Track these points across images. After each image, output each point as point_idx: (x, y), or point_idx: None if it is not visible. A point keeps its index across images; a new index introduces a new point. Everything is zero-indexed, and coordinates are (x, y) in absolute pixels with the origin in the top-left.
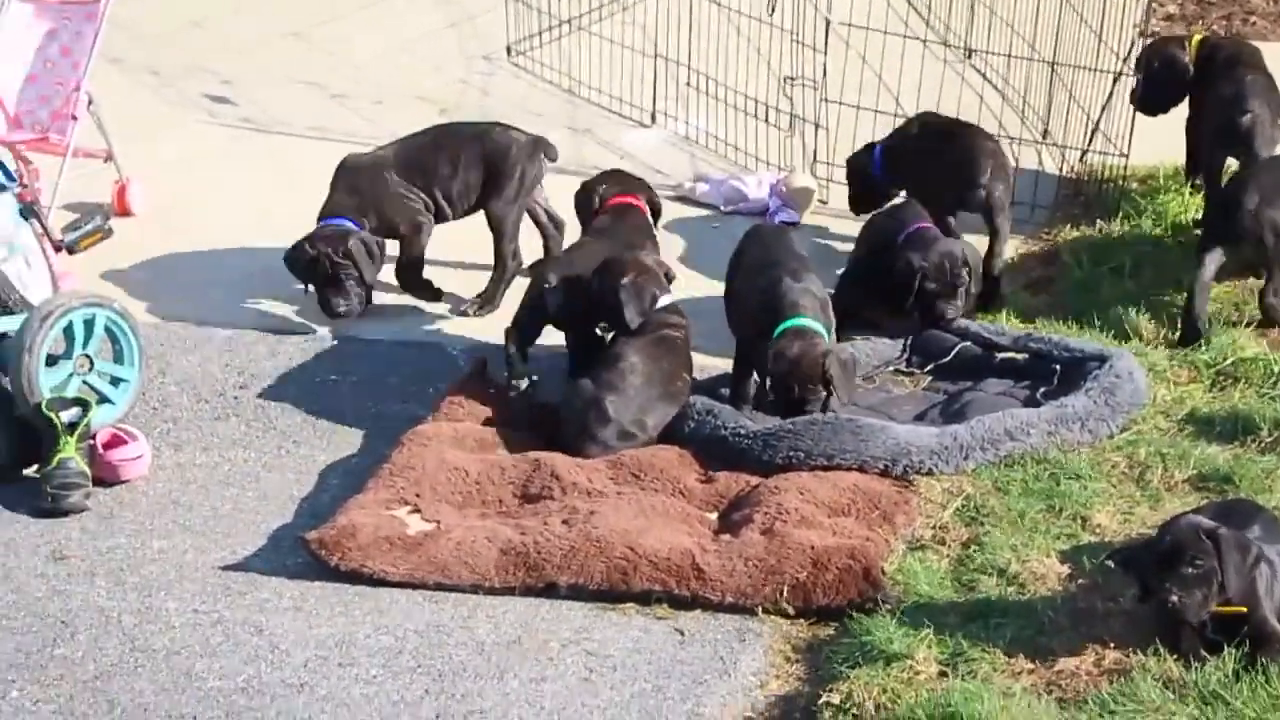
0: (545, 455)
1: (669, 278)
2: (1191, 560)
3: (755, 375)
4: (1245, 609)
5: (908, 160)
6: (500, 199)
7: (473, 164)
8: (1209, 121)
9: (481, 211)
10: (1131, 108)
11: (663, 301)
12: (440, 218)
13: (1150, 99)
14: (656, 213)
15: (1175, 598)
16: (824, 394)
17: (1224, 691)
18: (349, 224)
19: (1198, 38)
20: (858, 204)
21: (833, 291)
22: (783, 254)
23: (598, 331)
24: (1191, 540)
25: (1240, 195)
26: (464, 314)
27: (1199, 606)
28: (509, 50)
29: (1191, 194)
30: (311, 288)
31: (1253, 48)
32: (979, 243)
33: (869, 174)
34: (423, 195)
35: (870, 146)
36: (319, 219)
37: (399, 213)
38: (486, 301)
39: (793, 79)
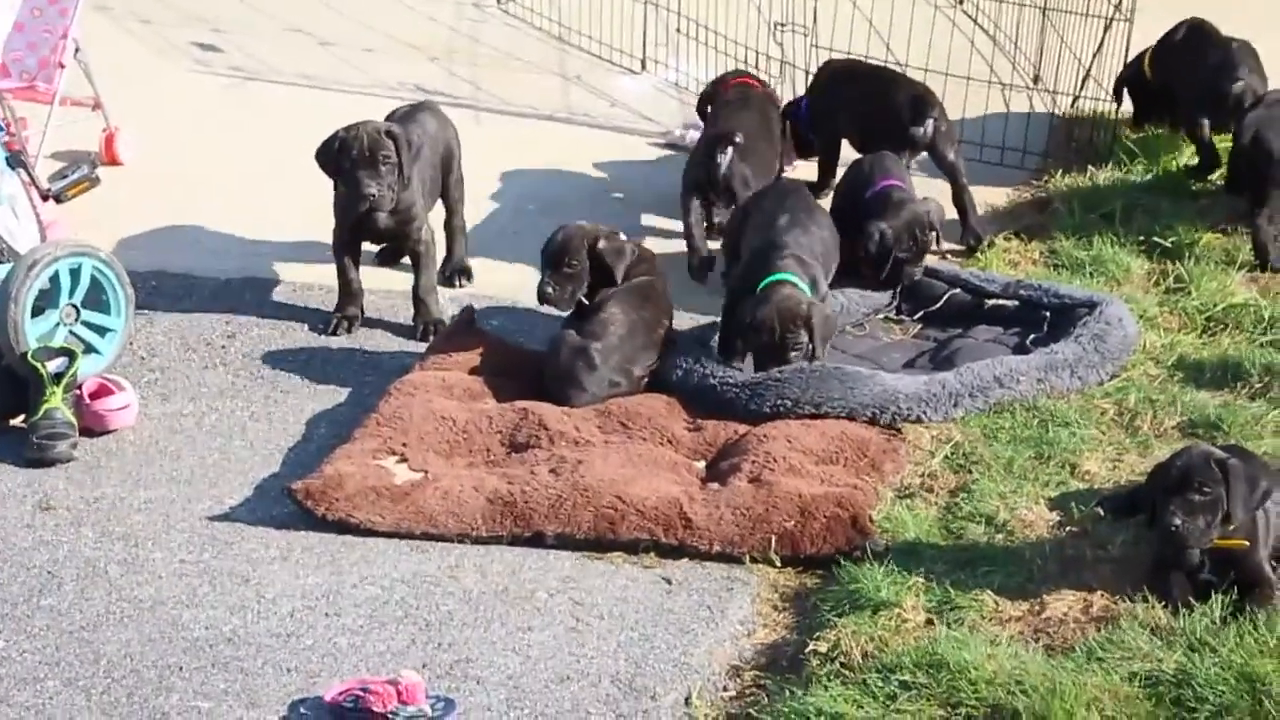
0: (533, 404)
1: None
2: (1199, 487)
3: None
4: (1245, 543)
5: (838, 108)
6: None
7: None
8: (1194, 89)
9: None
10: (1124, 52)
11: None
12: None
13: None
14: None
15: (1179, 522)
16: (805, 340)
17: (1211, 638)
18: None
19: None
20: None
21: None
22: (787, 212)
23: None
24: (1201, 467)
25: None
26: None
27: (1201, 534)
28: None
29: (1182, 141)
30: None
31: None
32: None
33: (795, 126)
34: None
35: (798, 100)
36: None
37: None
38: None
39: (783, 25)
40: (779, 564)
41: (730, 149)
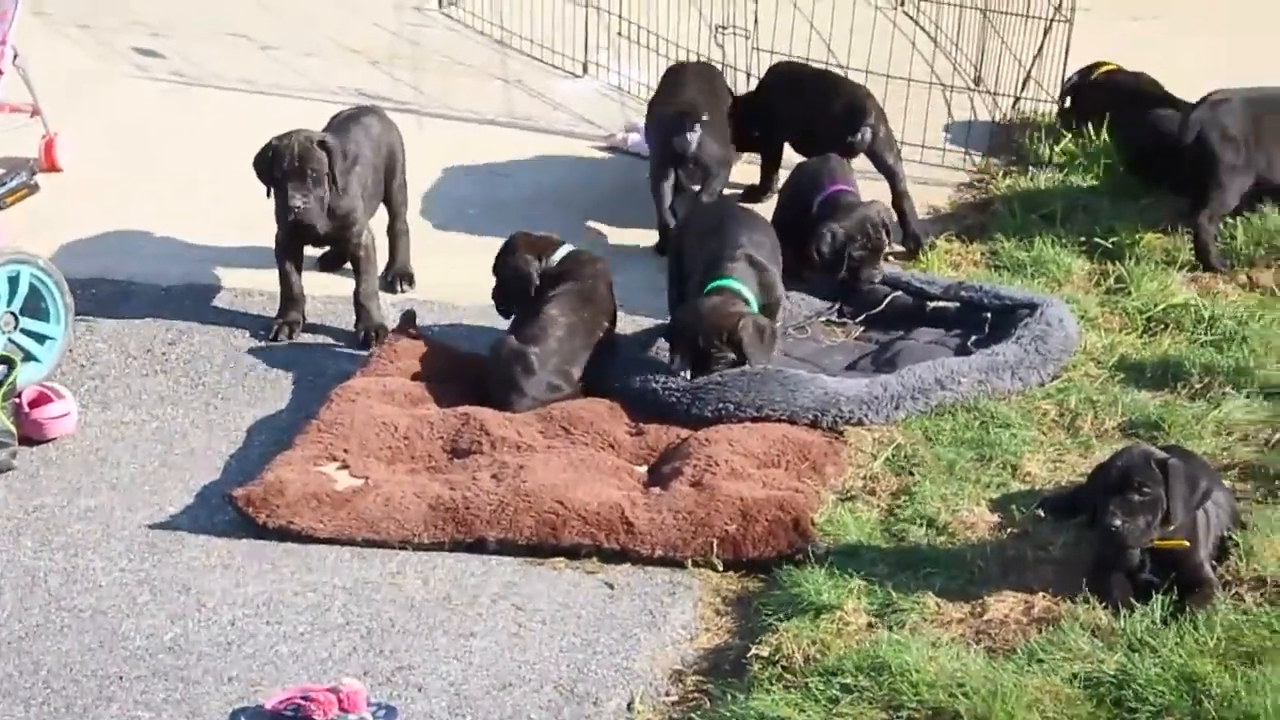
0: (474, 409)
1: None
2: (1139, 487)
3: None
4: (1186, 543)
5: (780, 112)
6: None
7: None
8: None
9: None
10: (1064, 54)
11: (557, 256)
12: None
13: None
14: None
15: (1119, 522)
16: (730, 356)
17: (1152, 639)
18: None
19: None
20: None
21: None
22: (730, 223)
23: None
24: (1141, 467)
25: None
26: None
27: (1141, 534)
28: (440, 1)
29: (1116, 143)
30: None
31: None
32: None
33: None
34: None
35: (738, 99)
36: None
37: None
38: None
39: (724, 28)
40: (721, 568)
41: (697, 126)
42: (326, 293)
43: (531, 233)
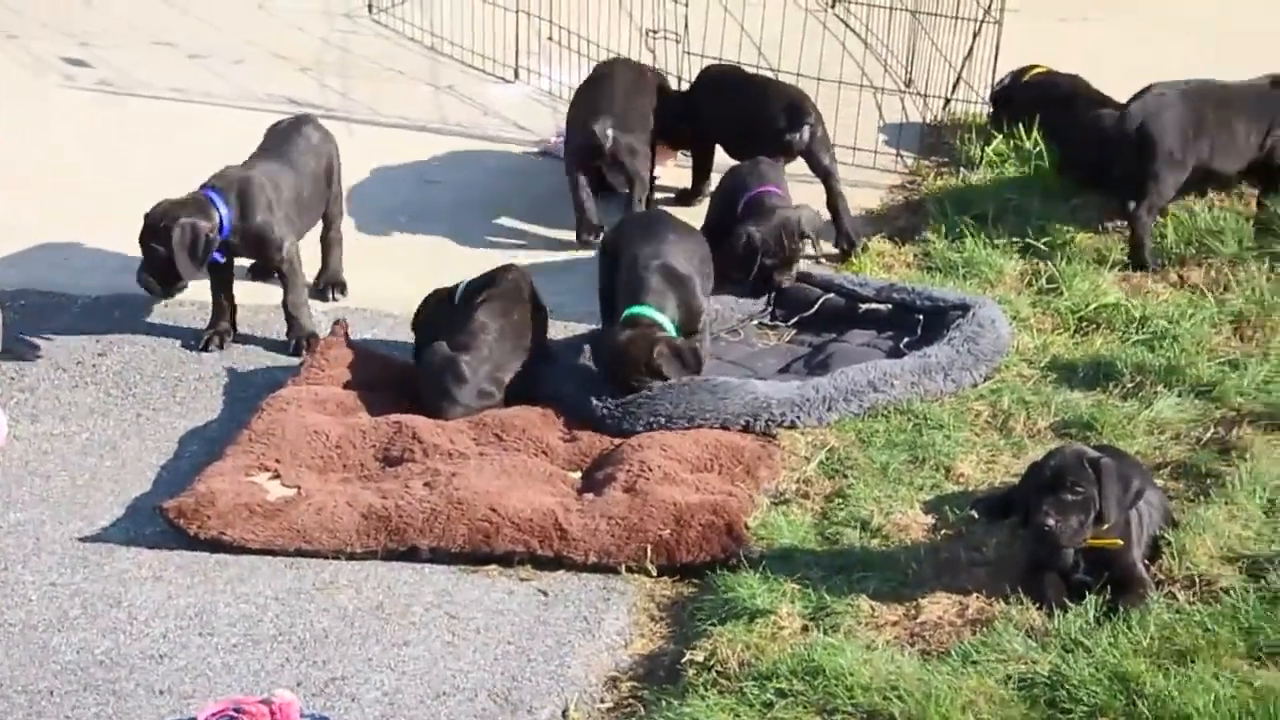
0: (407, 417)
1: None
2: (1072, 486)
3: None
4: (1119, 542)
5: (712, 115)
6: None
7: None
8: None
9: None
10: (994, 55)
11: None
12: None
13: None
14: None
15: (1052, 522)
16: (652, 382)
17: (1085, 639)
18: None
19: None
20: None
21: None
22: (655, 235)
23: None
24: (1073, 466)
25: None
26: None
27: (1074, 534)
28: (370, 7)
29: (1047, 145)
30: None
31: None
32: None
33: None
34: None
35: (672, 98)
36: None
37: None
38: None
39: (655, 32)
40: (655, 573)
41: (610, 120)
42: (257, 302)
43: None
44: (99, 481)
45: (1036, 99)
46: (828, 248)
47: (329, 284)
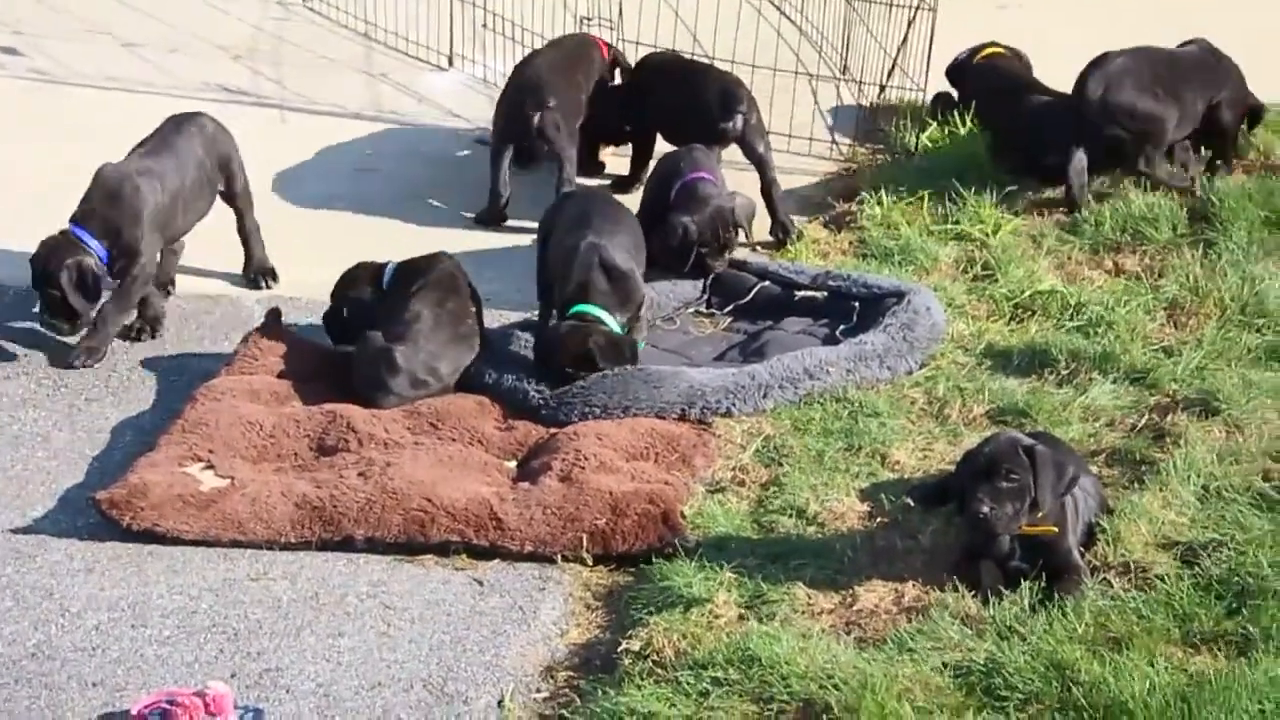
0: (341, 406)
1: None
2: (1007, 474)
3: None
4: (1054, 529)
5: (650, 102)
6: None
7: None
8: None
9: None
10: (929, 42)
11: (386, 275)
12: None
13: None
14: None
15: (987, 509)
16: (589, 374)
17: (1020, 626)
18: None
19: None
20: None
21: None
22: (593, 223)
23: None
24: (1008, 454)
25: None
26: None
27: (1009, 521)
28: None
29: (981, 131)
30: None
31: None
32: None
33: (606, 116)
34: None
35: (610, 90)
36: None
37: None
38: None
39: (589, 19)
40: (591, 562)
41: (538, 98)
42: (190, 290)
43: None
44: (30, 473)
45: (981, 84)
46: (764, 235)
47: (258, 272)
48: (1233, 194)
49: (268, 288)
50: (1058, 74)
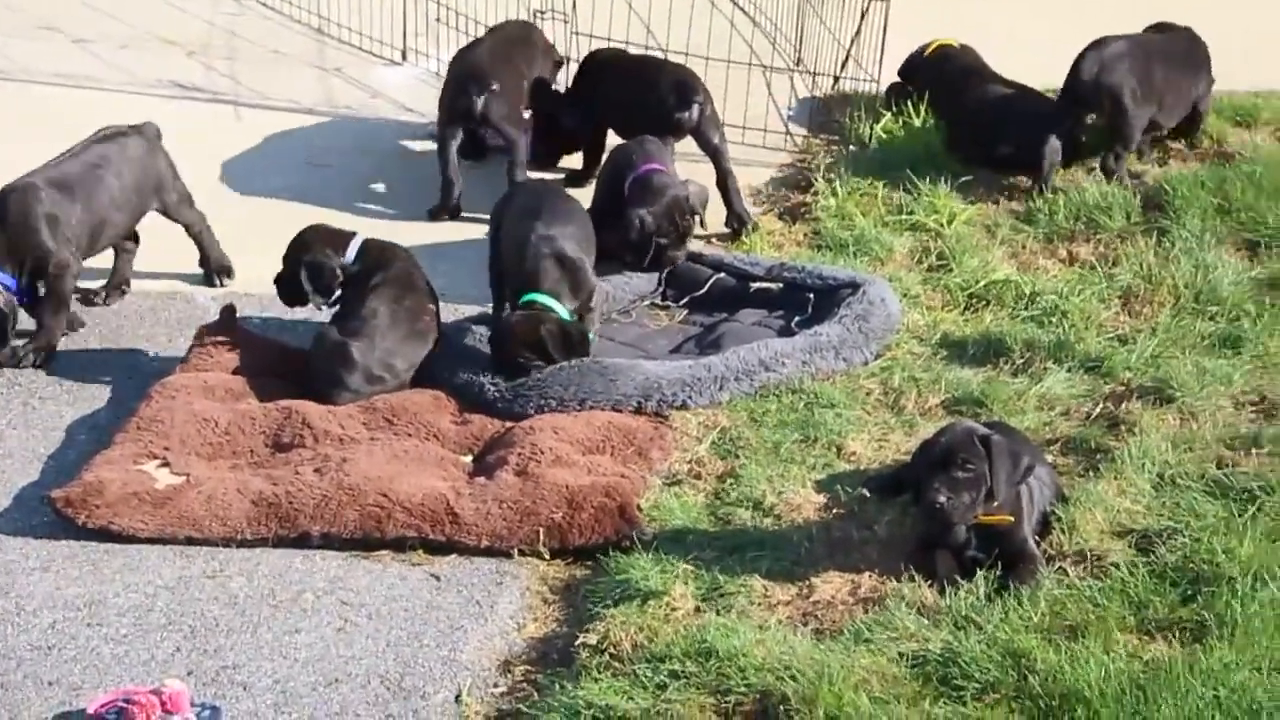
0: (296, 403)
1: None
2: (962, 463)
3: None
4: (1010, 518)
5: (603, 96)
6: None
7: None
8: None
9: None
10: (882, 33)
11: (352, 250)
12: None
13: None
14: None
15: (943, 499)
16: (539, 363)
17: (976, 616)
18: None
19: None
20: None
21: None
22: (542, 215)
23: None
24: (964, 444)
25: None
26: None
27: (965, 510)
28: None
29: (936, 122)
30: None
31: None
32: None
33: (555, 116)
34: None
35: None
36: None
37: None
38: None
39: (543, 12)
40: (548, 556)
41: (482, 89)
42: (145, 288)
43: (325, 226)
44: None
45: (933, 75)
46: (719, 227)
47: (215, 270)
48: (1185, 182)
49: (223, 285)
50: (1011, 62)
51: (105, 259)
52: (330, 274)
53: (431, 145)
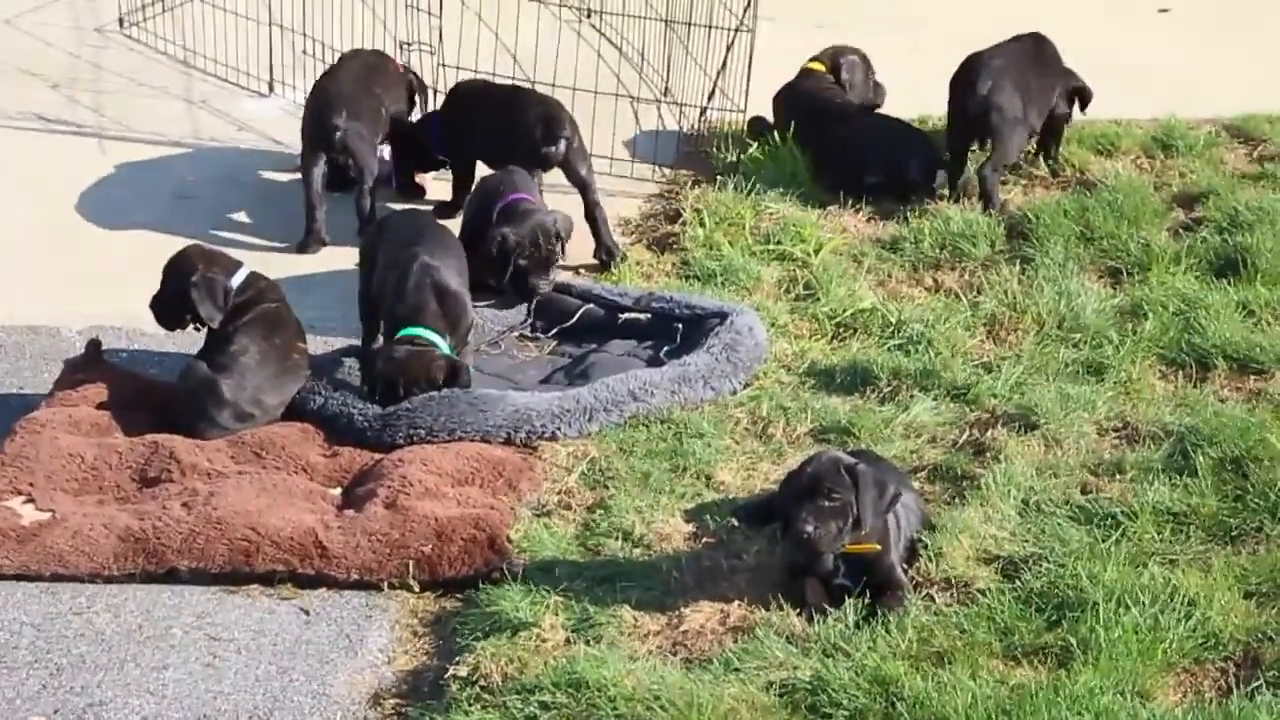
0: (164, 437)
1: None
2: (829, 493)
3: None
4: (877, 547)
5: (470, 129)
6: None
7: None
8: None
9: None
10: (748, 63)
11: (239, 277)
12: None
13: None
14: None
15: (810, 528)
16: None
17: (845, 643)
18: None
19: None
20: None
21: None
22: (422, 246)
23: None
24: (830, 473)
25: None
26: None
27: (833, 539)
28: (121, 21)
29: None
30: None
31: None
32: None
33: (425, 145)
34: None
35: (426, 117)
36: None
37: None
38: None
39: (409, 44)
40: (418, 589)
41: (341, 111)
42: (8, 323)
43: (207, 247)
44: None
45: (795, 105)
46: (588, 259)
47: None
48: (1048, 210)
49: None
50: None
51: None
52: (225, 293)
53: (299, 176)
